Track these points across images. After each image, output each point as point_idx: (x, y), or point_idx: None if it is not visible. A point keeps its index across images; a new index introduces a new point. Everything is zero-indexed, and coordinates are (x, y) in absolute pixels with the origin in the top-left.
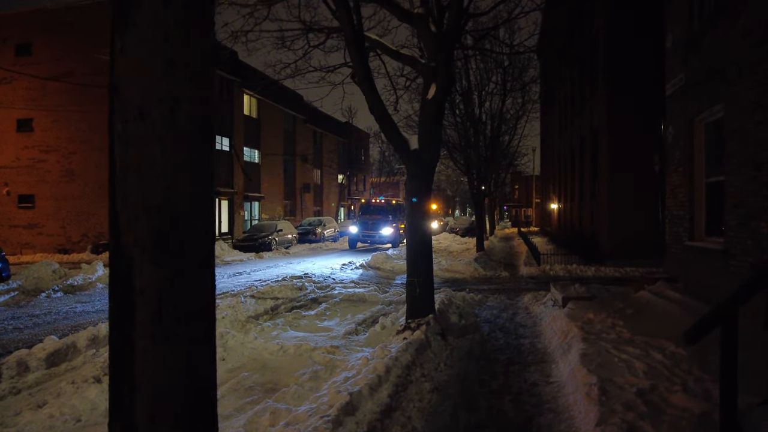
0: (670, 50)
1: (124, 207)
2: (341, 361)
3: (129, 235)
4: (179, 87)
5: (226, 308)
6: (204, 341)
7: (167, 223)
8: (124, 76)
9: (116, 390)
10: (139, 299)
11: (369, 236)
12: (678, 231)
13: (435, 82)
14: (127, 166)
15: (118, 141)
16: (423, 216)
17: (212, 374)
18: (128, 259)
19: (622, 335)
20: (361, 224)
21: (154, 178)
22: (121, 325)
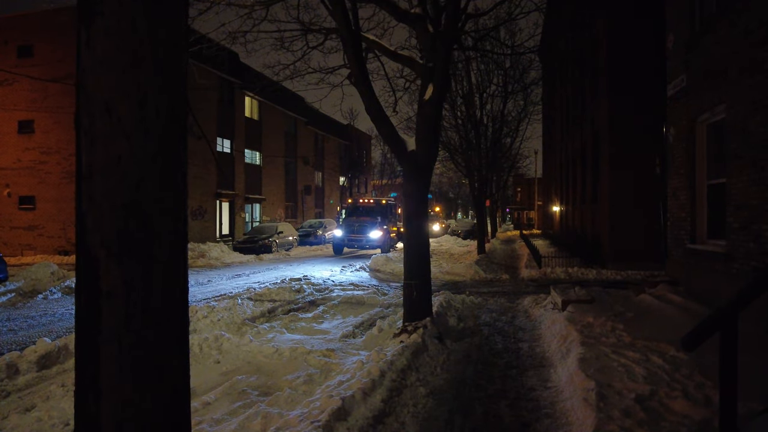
0: (671, 51)
1: (90, 206)
2: (337, 365)
3: (95, 235)
4: (148, 81)
5: (223, 310)
6: (176, 347)
7: (135, 222)
8: (89, 70)
9: (81, 398)
10: (105, 302)
11: (355, 240)
12: (679, 234)
13: (432, 83)
14: (92, 163)
15: (84, 137)
16: (420, 218)
17: (185, 382)
18: (94, 260)
19: (621, 339)
20: (346, 227)
21: (121, 175)
22: (87, 330)
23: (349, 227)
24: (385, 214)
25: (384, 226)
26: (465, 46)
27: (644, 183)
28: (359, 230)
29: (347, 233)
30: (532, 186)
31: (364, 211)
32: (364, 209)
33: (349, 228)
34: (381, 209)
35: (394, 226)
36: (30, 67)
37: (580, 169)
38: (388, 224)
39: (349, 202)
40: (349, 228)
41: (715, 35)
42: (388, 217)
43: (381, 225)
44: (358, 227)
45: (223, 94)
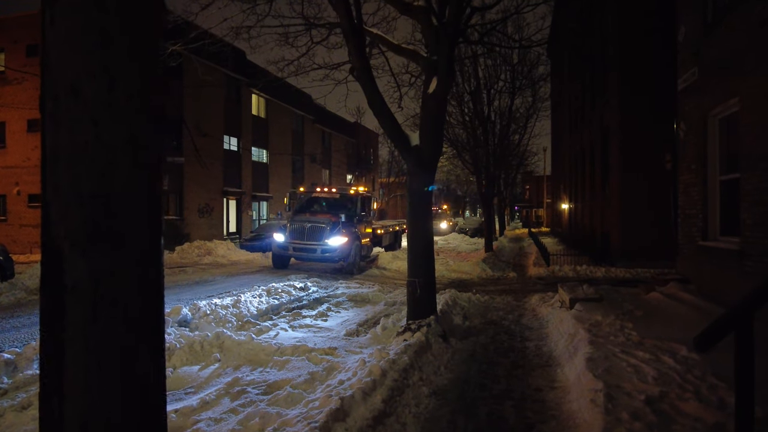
0: (682, 44)
1: (54, 196)
2: (339, 363)
3: (60, 226)
4: (117, 62)
5: (226, 308)
6: (149, 346)
7: (103, 213)
8: (54, 50)
9: (46, 402)
10: (70, 298)
11: (304, 249)
12: (691, 231)
13: (437, 77)
14: (57, 149)
15: (49, 121)
16: (424, 214)
17: (160, 384)
18: (58, 253)
19: (631, 338)
20: (292, 230)
21: (87, 162)
22: (51, 328)
23: (296, 230)
24: (353, 211)
25: (352, 229)
26: (471, 40)
27: (654, 180)
28: (311, 234)
29: (292, 238)
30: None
31: (324, 205)
32: (323, 203)
33: (296, 230)
34: (348, 204)
35: (370, 227)
36: (39, 66)
37: (589, 167)
38: (357, 226)
39: (301, 192)
40: (297, 230)
41: (728, 26)
42: (356, 216)
43: (346, 227)
44: (310, 230)
45: (230, 92)
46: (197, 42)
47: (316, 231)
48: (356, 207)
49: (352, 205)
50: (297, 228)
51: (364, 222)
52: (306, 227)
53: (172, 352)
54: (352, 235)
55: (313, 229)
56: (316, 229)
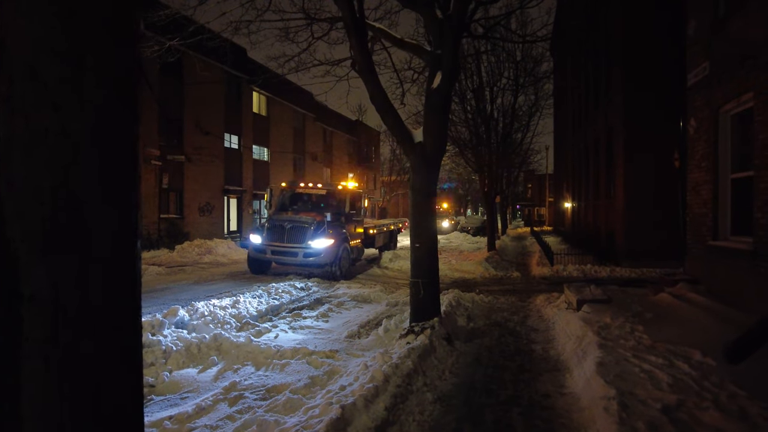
0: (692, 38)
1: (9, 192)
2: (340, 367)
3: (15, 227)
4: (84, 39)
5: (224, 309)
6: (122, 362)
7: (65, 211)
8: (10, 24)
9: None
10: (27, 309)
11: (284, 253)
12: (700, 230)
13: (441, 71)
14: (12, 139)
15: (3, 107)
16: (428, 213)
17: (135, 405)
18: (13, 257)
19: (642, 342)
20: (271, 230)
21: (47, 154)
22: (6, 344)
23: (274, 230)
24: (340, 209)
25: (339, 229)
26: (475, 34)
27: (660, 178)
28: (292, 235)
29: (270, 239)
30: (543, 182)
31: (309, 202)
32: (307, 200)
33: (274, 231)
34: (335, 201)
35: (360, 227)
36: None
37: (593, 165)
38: (345, 226)
39: (283, 188)
40: (276, 231)
41: (742, 18)
42: (344, 215)
43: (332, 227)
44: (291, 230)
45: (230, 90)
46: (195, 37)
47: (298, 231)
48: (344, 204)
49: (340, 203)
50: (276, 228)
51: (353, 221)
52: (286, 227)
53: (168, 355)
54: (339, 236)
55: (294, 230)
56: (297, 229)
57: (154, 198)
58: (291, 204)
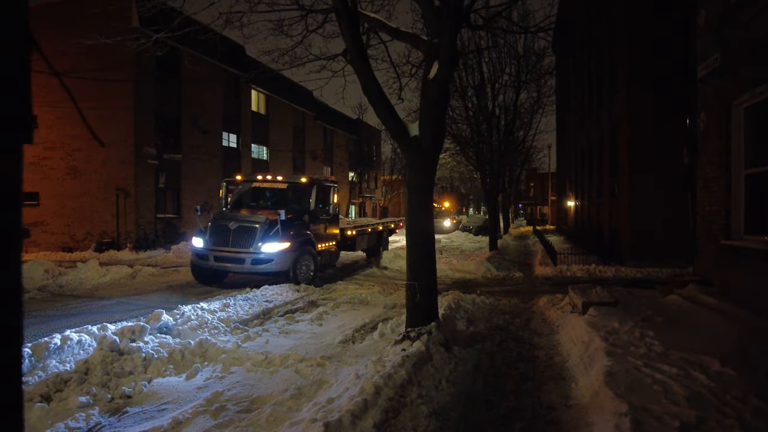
0: (702, 28)
1: None
2: (330, 376)
3: None
4: None
5: (213, 312)
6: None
7: None
8: None
9: None
10: None
11: (227, 258)
12: (712, 229)
13: (438, 60)
14: None
15: None
16: (425, 211)
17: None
18: None
19: (653, 348)
20: (212, 233)
21: None
22: None
23: (217, 232)
24: (304, 205)
25: (302, 230)
26: (475, 25)
27: (666, 175)
28: (238, 238)
29: (213, 243)
30: (546, 181)
31: (268, 199)
32: (267, 196)
33: (218, 233)
34: (299, 196)
35: (335, 227)
36: (33, 61)
37: (596, 162)
38: (310, 225)
39: (238, 181)
40: (219, 233)
41: (756, 5)
42: (308, 213)
43: (291, 228)
44: (237, 232)
45: (228, 88)
46: (183, 29)
47: (245, 233)
48: (309, 200)
49: (304, 198)
50: (219, 229)
51: (322, 220)
52: (231, 228)
53: (149, 363)
54: (298, 238)
55: (240, 231)
56: (244, 230)
57: (151, 197)
58: (249, 200)
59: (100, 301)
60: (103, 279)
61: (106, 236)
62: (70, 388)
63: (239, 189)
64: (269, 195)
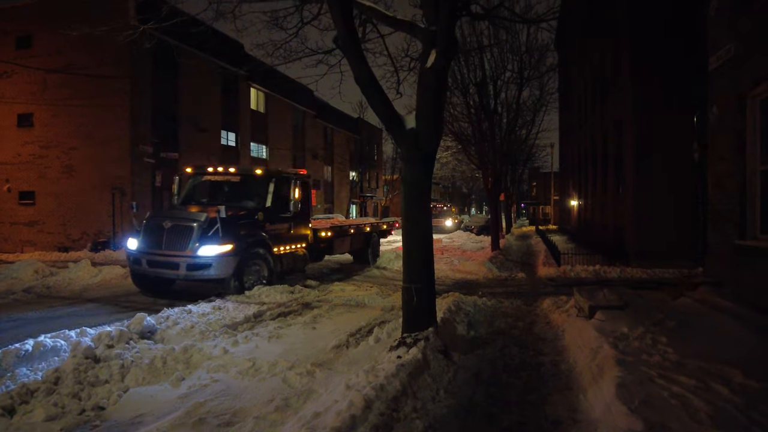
0: (713, 18)
1: None
2: (320, 386)
3: None
4: None
5: (201, 316)
6: None
7: None
8: None
9: None
10: None
11: (161, 263)
12: (724, 228)
13: (435, 48)
14: None
15: None
16: (422, 210)
17: None
18: None
19: (667, 357)
20: (146, 234)
21: None
22: None
23: (152, 232)
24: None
25: (252, 230)
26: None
27: (673, 172)
28: (172, 240)
29: (146, 245)
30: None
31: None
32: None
33: (152, 234)
34: (252, 191)
35: (305, 227)
36: (29, 58)
37: (600, 160)
38: (262, 225)
39: (189, 173)
40: (153, 234)
41: None
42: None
43: (239, 227)
44: (171, 233)
45: (227, 86)
46: (171, 20)
47: (180, 234)
48: (266, 195)
49: (261, 193)
50: (153, 229)
51: (285, 219)
52: (166, 228)
53: (127, 371)
54: (245, 240)
55: (175, 231)
56: (179, 230)
57: (147, 196)
58: (201, 196)
59: (87, 303)
60: (93, 280)
61: (102, 236)
62: (37, 400)
63: (191, 182)
64: (227, 190)
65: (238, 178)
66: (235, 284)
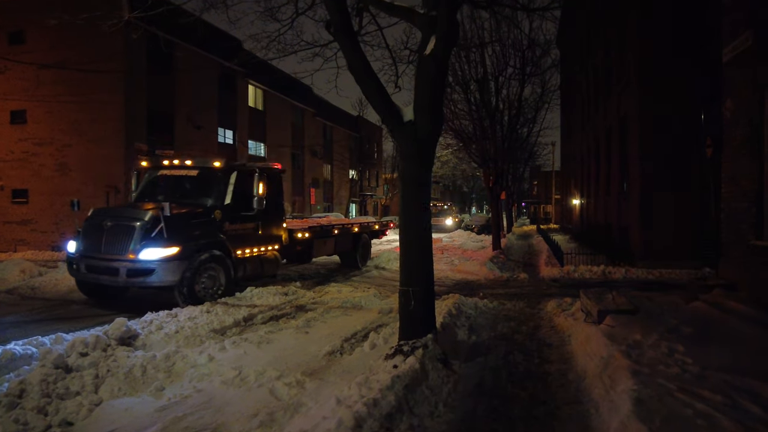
0: (729, 5)
1: None
2: (309, 398)
3: None
4: None
5: (187, 320)
6: None
7: None
8: None
9: None
10: None
11: (98, 268)
12: (739, 227)
13: (435, 35)
14: None
15: None
16: (421, 208)
17: None
18: None
19: (687, 368)
20: (85, 234)
21: None
22: None
23: (91, 233)
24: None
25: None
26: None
27: (679, 169)
28: (111, 242)
29: (84, 248)
30: (550, 179)
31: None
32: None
33: (91, 235)
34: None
35: (276, 228)
36: (21, 54)
37: (604, 158)
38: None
39: (143, 166)
40: (92, 234)
41: None
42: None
43: (184, 227)
44: (111, 234)
45: (224, 83)
46: (156, 9)
47: (120, 235)
48: (225, 191)
49: (220, 188)
50: (93, 230)
51: (248, 218)
52: (106, 227)
53: (102, 381)
54: (196, 242)
55: (115, 232)
56: (119, 230)
57: None
58: (157, 193)
59: (73, 305)
60: None
61: None
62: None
63: (147, 178)
64: (188, 186)
65: (196, 172)
66: (184, 293)
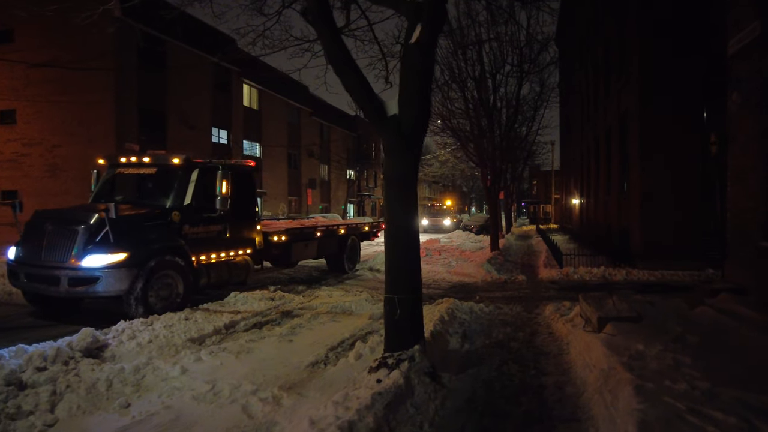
0: None
1: None
2: (283, 417)
3: None
4: None
5: (163, 328)
6: None
7: None
8: None
9: None
10: None
11: (38, 277)
12: (746, 228)
13: (421, 22)
14: None
15: None
16: (406, 209)
17: None
18: None
19: (695, 384)
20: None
21: None
22: None
23: (31, 237)
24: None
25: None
26: None
27: (680, 168)
28: (52, 247)
29: (24, 254)
30: (549, 179)
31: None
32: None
33: (31, 239)
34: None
35: (249, 230)
36: (10, 53)
37: (604, 157)
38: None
39: (101, 164)
40: (32, 239)
41: None
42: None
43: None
44: (51, 238)
45: (218, 82)
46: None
47: (61, 239)
48: (185, 190)
49: (179, 187)
50: (33, 233)
51: (212, 220)
52: (47, 231)
53: (60, 398)
54: (148, 246)
55: (56, 235)
56: (61, 234)
57: None
58: (118, 192)
59: None
60: None
61: None
62: None
63: (105, 176)
64: (150, 185)
65: (154, 170)
66: (133, 303)
